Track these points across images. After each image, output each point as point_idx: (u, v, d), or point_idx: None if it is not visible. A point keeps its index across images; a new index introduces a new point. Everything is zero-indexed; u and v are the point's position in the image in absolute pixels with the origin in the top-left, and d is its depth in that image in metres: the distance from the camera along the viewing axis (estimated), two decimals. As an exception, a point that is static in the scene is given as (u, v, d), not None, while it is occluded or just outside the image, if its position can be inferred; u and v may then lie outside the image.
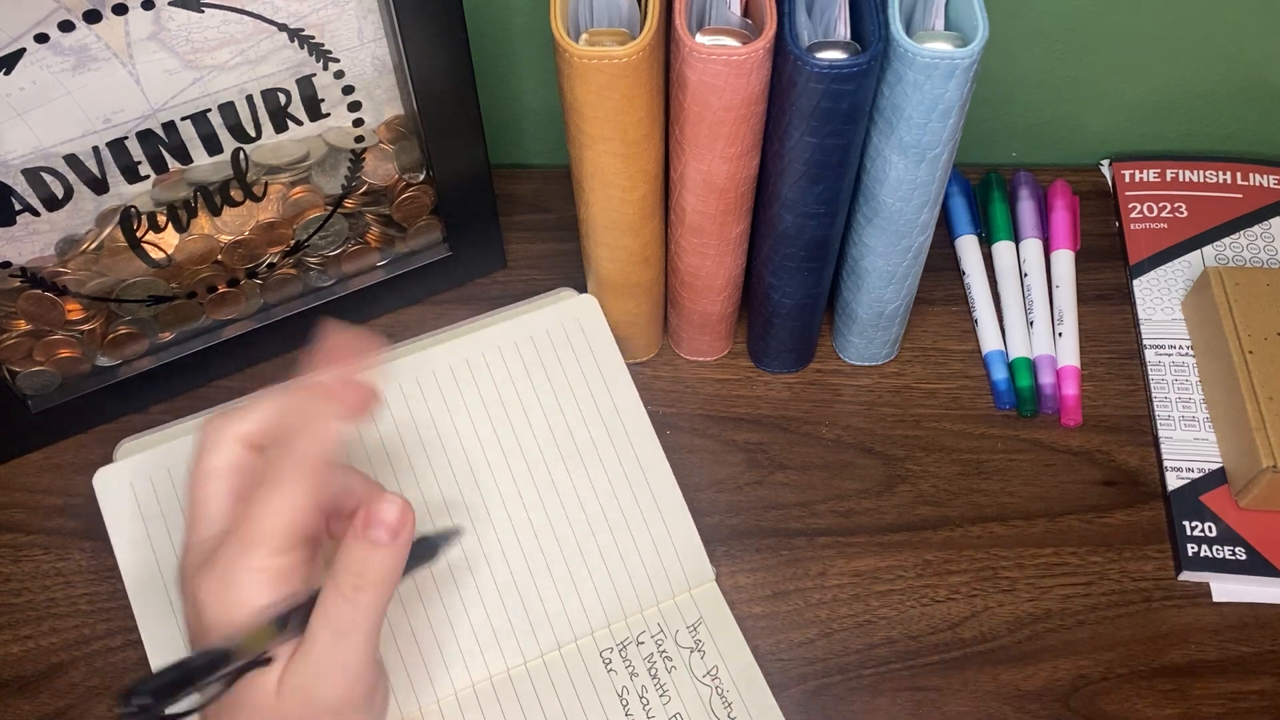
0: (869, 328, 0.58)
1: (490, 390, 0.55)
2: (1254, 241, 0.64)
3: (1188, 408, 0.59)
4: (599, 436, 0.54)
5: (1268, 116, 0.68)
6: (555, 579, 0.52)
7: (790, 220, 0.51)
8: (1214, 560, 0.53)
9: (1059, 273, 0.63)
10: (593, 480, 0.54)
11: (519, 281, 0.64)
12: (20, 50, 0.44)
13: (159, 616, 0.50)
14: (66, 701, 0.51)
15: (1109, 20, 0.63)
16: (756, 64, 0.44)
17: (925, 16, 0.48)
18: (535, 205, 0.68)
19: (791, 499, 0.57)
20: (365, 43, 0.52)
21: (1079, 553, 0.55)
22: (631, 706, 0.50)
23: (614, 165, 0.48)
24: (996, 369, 0.60)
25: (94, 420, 0.59)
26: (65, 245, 0.52)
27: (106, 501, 0.52)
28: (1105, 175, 0.69)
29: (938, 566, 0.54)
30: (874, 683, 0.51)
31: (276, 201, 0.56)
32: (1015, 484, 0.57)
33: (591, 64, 0.44)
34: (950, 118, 0.46)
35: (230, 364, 0.60)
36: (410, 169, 0.58)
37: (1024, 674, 0.51)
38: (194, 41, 0.47)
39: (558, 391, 0.55)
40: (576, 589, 0.52)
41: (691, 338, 0.60)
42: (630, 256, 0.54)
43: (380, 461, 0.53)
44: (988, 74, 0.65)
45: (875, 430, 0.59)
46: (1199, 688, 0.51)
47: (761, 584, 0.54)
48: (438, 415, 0.54)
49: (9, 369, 0.55)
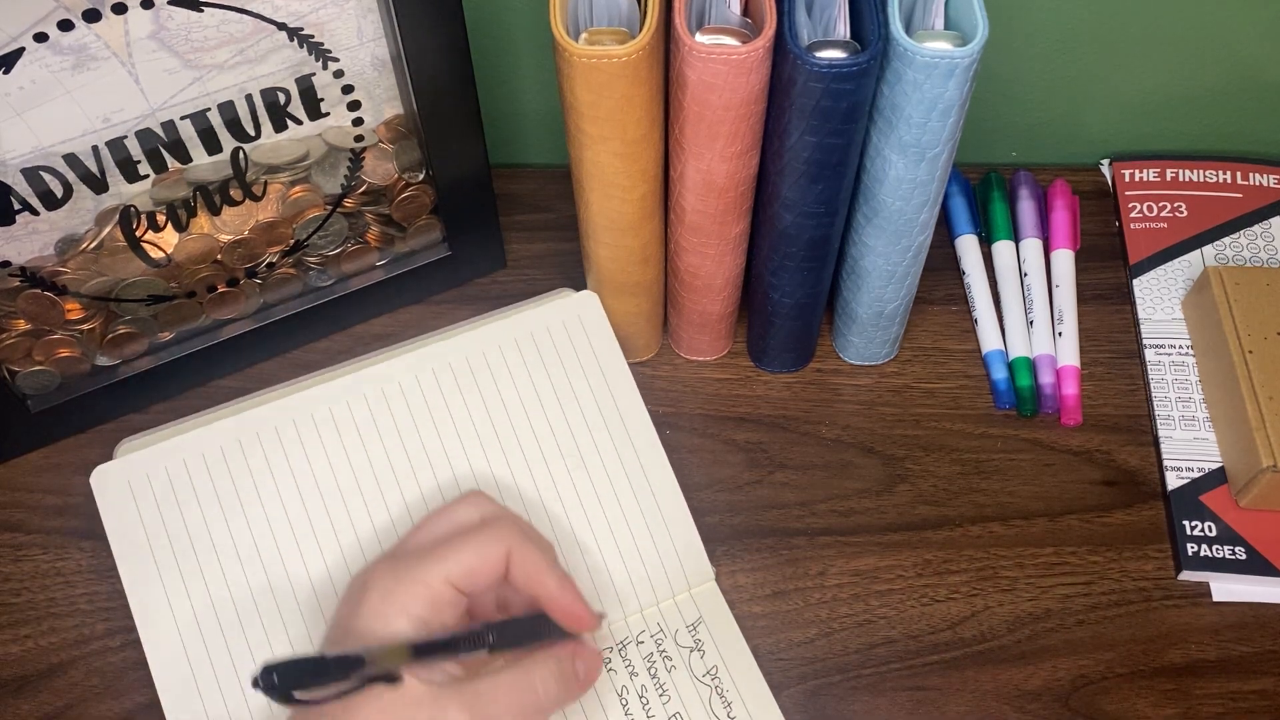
0: (869, 327, 0.58)
1: (490, 388, 0.55)
2: (1254, 241, 0.64)
3: (1188, 407, 0.59)
4: (599, 435, 0.54)
5: (1268, 116, 0.68)
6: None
7: (790, 220, 0.51)
8: (1214, 560, 0.53)
9: (1059, 272, 0.63)
10: (593, 479, 0.54)
11: (519, 281, 0.64)
12: (19, 49, 0.44)
13: (157, 614, 0.50)
14: (66, 701, 0.51)
15: (1109, 20, 0.63)
16: (756, 63, 0.44)
17: (925, 16, 0.48)
18: (535, 205, 0.68)
19: (791, 499, 0.57)
20: (365, 42, 0.52)
21: (1079, 552, 0.55)
22: (631, 706, 0.50)
23: (614, 165, 0.48)
24: (996, 368, 0.60)
25: (94, 420, 0.59)
26: (65, 245, 0.52)
27: (104, 499, 0.52)
28: (1105, 175, 0.69)
29: (938, 566, 0.54)
30: (874, 683, 0.51)
31: (276, 201, 0.56)
32: (1015, 484, 0.57)
33: (591, 63, 0.44)
34: (950, 117, 0.46)
35: (230, 364, 0.60)
36: (410, 169, 0.58)
37: (1024, 674, 0.51)
38: (193, 41, 0.47)
39: (558, 389, 0.55)
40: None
41: (691, 337, 0.60)
42: (630, 256, 0.54)
43: (380, 463, 0.53)
44: (988, 74, 0.65)
45: (875, 430, 0.59)
46: (1199, 688, 0.51)
47: (761, 584, 0.54)
48: (437, 413, 0.54)
49: (9, 369, 0.55)
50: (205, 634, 0.49)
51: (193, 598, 0.50)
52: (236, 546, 0.51)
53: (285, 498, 0.52)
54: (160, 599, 0.50)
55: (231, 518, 0.51)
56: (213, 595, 0.50)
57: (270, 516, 0.52)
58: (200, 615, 0.50)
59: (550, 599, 0.44)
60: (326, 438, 0.53)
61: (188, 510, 0.51)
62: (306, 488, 0.52)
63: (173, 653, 0.49)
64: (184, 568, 0.50)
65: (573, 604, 0.45)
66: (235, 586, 0.50)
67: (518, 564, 0.44)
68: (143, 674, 0.51)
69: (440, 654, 0.41)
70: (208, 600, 0.50)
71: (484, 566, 0.43)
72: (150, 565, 0.50)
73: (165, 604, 0.50)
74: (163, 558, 0.51)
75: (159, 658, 0.49)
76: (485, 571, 0.43)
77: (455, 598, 0.43)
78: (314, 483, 0.52)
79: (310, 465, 0.52)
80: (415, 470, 0.53)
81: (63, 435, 0.58)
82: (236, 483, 0.52)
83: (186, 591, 0.50)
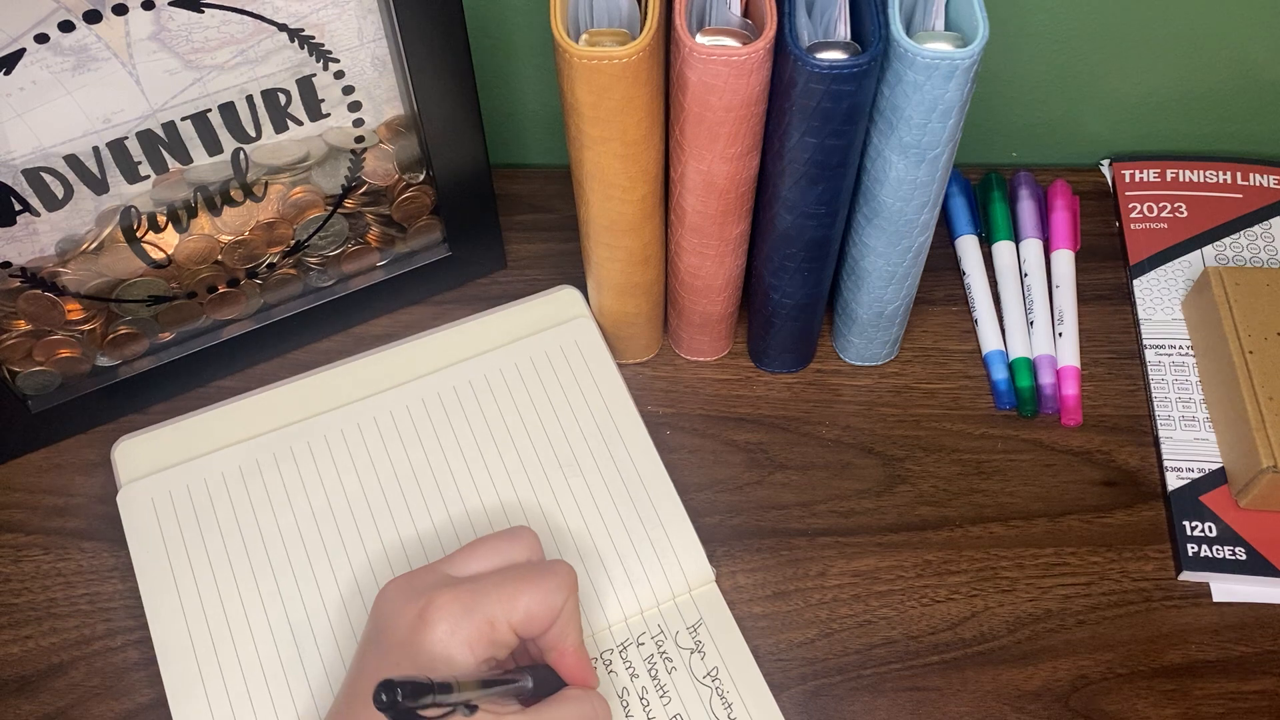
0: (869, 328, 0.58)
1: (493, 410, 0.56)
2: (1254, 241, 0.64)
3: (1188, 408, 0.59)
4: (597, 450, 0.55)
5: (1268, 116, 0.68)
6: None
7: (790, 220, 0.51)
8: (1214, 560, 0.54)
9: (1059, 273, 0.63)
10: (591, 490, 0.54)
11: (519, 281, 0.64)
12: (20, 50, 0.44)
13: (175, 634, 0.50)
14: (66, 701, 0.51)
15: (1109, 20, 0.63)
16: (756, 64, 0.44)
17: (925, 17, 0.48)
18: (535, 205, 0.68)
19: (791, 499, 0.57)
20: (365, 43, 0.52)
21: (1079, 553, 0.55)
22: (632, 708, 0.50)
23: (614, 166, 0.48)
24: (996, 369, 0.60)
25: (94, 420, 0.59)
26: (65, 245, 0.52)
27: (129, 518, 0.53)
28: (1105, 175, 0.69)
29: (938, 566, 0.54)
30: (874, 683, 0.51)
31: (276, 201, 0.56)
32: (1015, 484, 0.57)
33: (591, 64, 0.44)
34: (950, 118, 0.46)
35: (230, 364, 0.60)
36: (410, 169, 0.58)
37: (1024, 674, 0.51)
38: (194, 41, 0.47)
39: (557, 410, 0.56)
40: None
41: (691, 338, 0.60)
42: (630, 257, 0.54)
43: (390, 484, 0.54)
44: (988, 74, 0.65)
45: (875, 430, 0.59)
46: (1199, 688, 0.51)
47: (761, 584, 0.54)
48: (442, 433, 0.55)
49: (9, 369, 0.55)
50: (219, 653, 0.50)
51: (208, 615, 0.51)
52: (252, 565, 0.52)
53: (300, 519, 0.53)
54: (178, 616, 0.51)
55: (249, 537, 0.53)
56: (228, 615, 0.51)
57: (285, 534, 0.53)
58: (215, 633, 0.50)
59: (566, 658, 0.45)
60: (339, 459, 0.55)
61: (207, 529, 0.53)
62: (320, 508, 0.53)
63: (187, 669, 0.50)
64: (201, 585, 0.51)
65: (588, 673, 0.46)
66: (250, 606, 0.51)
67: (562, 617, 0.44)
68: (143, 674, 0.51)
69: (497, 689, 0.42)
70: (223, 619, 0.51)
71: (544, 616, 0.44)
72: (169, 582, 0.51)
73: (182, 620, 0.51)
74: (181, 576, 0.52)
75: (173, 675, 0.50)
76: (543, 621, 0.44)
77: (511, 640, 0.43)
78: (327, 503, 0.54)
79: (323, 486, 0.54)
80: (422, 489, 0.54)
81: (63, 436, 0.58)
82: (253, 503, 0.53)
83: (203, 609, 0.51)
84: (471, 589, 0.43)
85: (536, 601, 0.43)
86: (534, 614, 0.43)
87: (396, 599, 0.44)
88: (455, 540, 0.53)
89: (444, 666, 0.41)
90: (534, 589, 0.43)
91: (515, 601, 0.43)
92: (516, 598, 0.43)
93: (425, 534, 0.53)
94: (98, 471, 0.57)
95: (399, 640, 0.42)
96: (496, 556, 0.46)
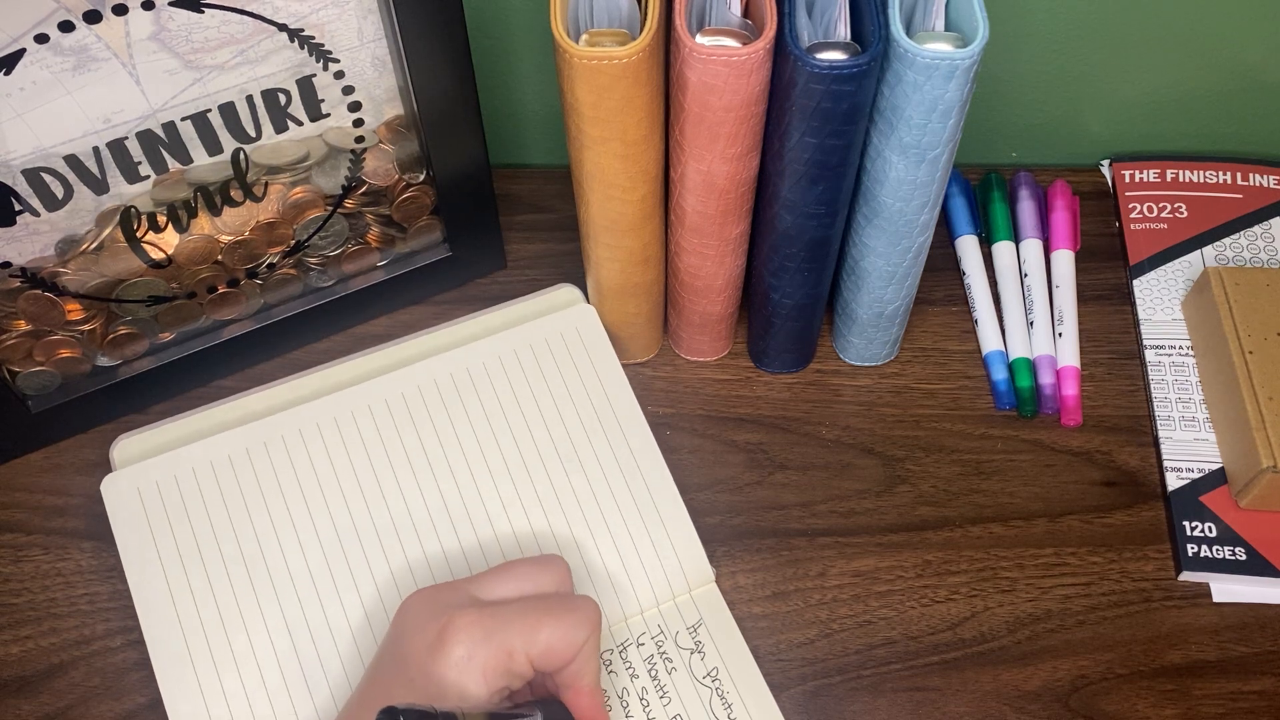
0: (869, 328, 0.58)
1: (490, 398, 0.55)
2: (1254, 241, 0.64)
3: (1188, 408, 0.59)
4: (598, 443, 0.55)
5: (1268, 116, 0.68)
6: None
7: (790, 221, 0.51)
8: (1214, 560, 0.54)
9: (1059, 273, 0.63)
10: (591, 485, 0.54)
11: (519, 281, 0.64)
12: (20, 50, 0.44)
13: (163, 619, 0.50)
14: (66, 701, 0.51)
15: (1109, 20, 0.63)
16: (756, 64, 0.44)
17: (925, 17, 0.48)
18: (535, 205, 0.68)
19: (791, 499, 0.57)
20: (365, 43, 0.52)
21: (1079, 553, 0.55)
22: (632, 708, 0.50)
23: (614, 166, 0.48)
24: (996, 369, 0.60)
25: (94, 420, 0.59)
26: (65, 245, 0.52)
27: (114, 507, 0.52)
28: (1105, 175, 0.69)
29: (938, 567, 0.54)
30: (874, 683, 0.51)
31: (276, 201, 0.56)
32: (1015, 484, 0.57)
33: (591, 64, 0.44)
34: (950, 118, 0.46)
35: (230, 364, 0.60)
36: (410, 169, 0.58)
37: (1024, 674, 0.51)
38: (194, 42, 0.47)
39: (557, 400, 0.55)
40: (575, 592, 0.52)
41: (691, 338, 0.60)
42: (630, 257, 0.54)
43: (384, 471, 0.54)
44: (988, 74, 0.65)
45: (875, 430, 0.59)
46: (1199, 688, 0.51)
47: (761, 584, 0.54)
48: (439, 422, 0.55)
49: (9, 369, 0.55)
50: (211, 641, 0.50)
51: (199, 605, 0.50)
52: (243, 554, 0.51)
53: (291, 506, 0.52)
54: (167, 605, 0.50)
55: (239, 526, 0.52)
56: (219, 603, 0.50)
57: (277, 524, 0.52)
58: (206, 622, 0.50)
59: (581, 697, 0.44)
60: (331, 446, 0.54)
61: (195, 518, 0.52)
62: (312, 496, 0.53)
63: (178, 657, 0.49)
64: (191, 575, 0.51)
65: (601, 715, 0.45)
66: (243, 596, 0.51)
67: (581, 655, 0.44)
68: (143, 674, 0.51)
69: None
70: (214, 607, 0.50)
71: (564, 651, 0.43)
72: (158, 572, 0.51)
73: (172, 610, 0.50)
74: (170, 565, 0.51)
75: (164, 663, 0.49)
76: (562, 656, 0.43)
77: (527, 672, 0.43)
78: (319, 490, 0.53)
79: (315, 473, 0.53)
80: (417, 477, 0.53)
81: (63, 436, 0.58)
82: (244, 491, 0.52)
83: (193, 598, 0.50)
84: (494, 614, 0.42)
85: (558, 636, 0.42)
86: (554, 648, 0.42)
87: (420, 613, 0.43)
88: (450, 529, 0.52)
89: (455, 692, 0.41)
90: (557, 623, 0.43)
91: (536, 633, 0.42)
92: (538, 630, 0.42)
93: (420, 522, 0.52)
94: (98, 472, 0.57)
95: (416, 657, 0.42)
96: (525, 583, 0.45)
